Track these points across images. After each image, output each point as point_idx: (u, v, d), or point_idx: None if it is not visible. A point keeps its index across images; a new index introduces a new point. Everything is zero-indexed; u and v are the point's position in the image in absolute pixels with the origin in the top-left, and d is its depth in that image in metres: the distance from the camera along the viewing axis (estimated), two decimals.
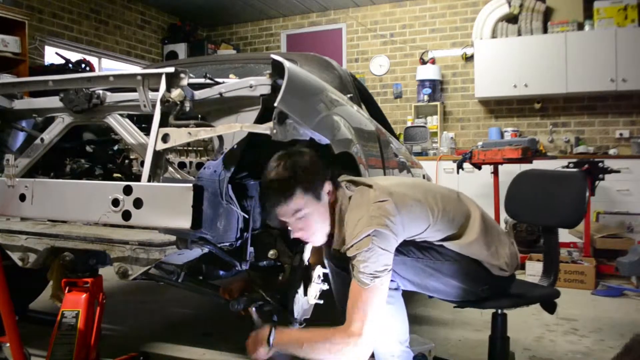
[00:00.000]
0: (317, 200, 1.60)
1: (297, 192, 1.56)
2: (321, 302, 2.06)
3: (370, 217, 1.51)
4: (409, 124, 6.42)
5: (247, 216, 1.79)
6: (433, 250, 1.65)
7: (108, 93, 1.82)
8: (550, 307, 1.86)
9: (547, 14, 6.15)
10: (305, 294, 2.03)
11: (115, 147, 2.26)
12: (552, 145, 6.22)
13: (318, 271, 2.08)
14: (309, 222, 1.62)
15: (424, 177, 4.28)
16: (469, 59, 6.64)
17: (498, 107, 6.59)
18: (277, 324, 1.69)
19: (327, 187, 1.63)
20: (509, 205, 2.13)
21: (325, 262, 1.90)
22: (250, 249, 1.86)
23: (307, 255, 1.99)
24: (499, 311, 1.87)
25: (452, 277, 1.66)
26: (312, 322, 1.96)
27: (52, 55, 5.76)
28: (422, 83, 6.71)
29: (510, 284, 1.81)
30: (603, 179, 4.39)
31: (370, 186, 1.62)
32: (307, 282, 2.05)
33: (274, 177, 1.57)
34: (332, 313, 1.82)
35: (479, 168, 4.87)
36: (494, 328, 1.89)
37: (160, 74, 1.61)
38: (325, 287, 2.07)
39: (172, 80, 1.61)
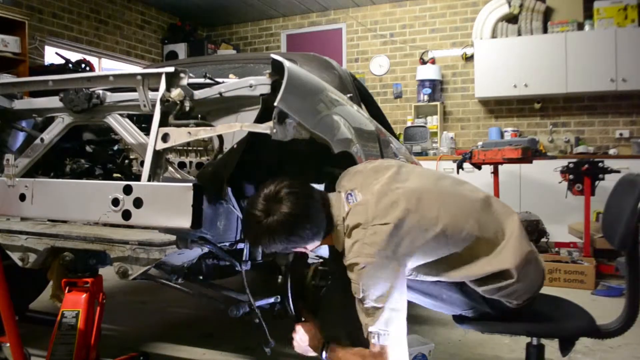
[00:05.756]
0: (315, 241, 1.56)
1: (295, 245, 1.54)
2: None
3: (362, 244, 1.45)
4: (409, 124, 6.42)
5: None
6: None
7: (108, 93, 1.82)
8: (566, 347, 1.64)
9: (547, 14, 6.15)
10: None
11: (115, 147, 2.26)
12: (552, 145, 6.22)
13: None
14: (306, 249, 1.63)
15: None
16: (469, 59, 6.64)
17: (498, 107, 6.59)
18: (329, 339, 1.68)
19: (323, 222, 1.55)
20: None
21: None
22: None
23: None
24: (534, 341, 1.65)
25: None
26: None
27: (52, 55, 5.76)
28: (422, 83, 6.71)
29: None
30: (603, 179, 4.38)
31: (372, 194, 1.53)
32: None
33: (269, 229, 1.48)
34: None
35: (479, 168, 4.86)
36: None
37: (160, 74, 1.61)
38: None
39: (172, 80, 1.62)
